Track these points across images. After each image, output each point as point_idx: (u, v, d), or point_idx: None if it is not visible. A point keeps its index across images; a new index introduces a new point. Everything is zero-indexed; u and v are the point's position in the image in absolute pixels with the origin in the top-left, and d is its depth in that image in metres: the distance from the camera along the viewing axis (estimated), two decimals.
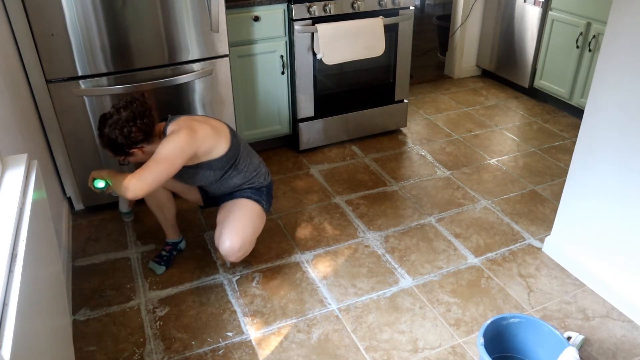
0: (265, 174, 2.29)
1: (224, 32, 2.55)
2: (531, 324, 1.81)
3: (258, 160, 2.28)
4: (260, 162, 2.29)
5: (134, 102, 1.95)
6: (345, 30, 2.95)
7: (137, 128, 1.92)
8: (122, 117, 1.91)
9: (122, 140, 1.91)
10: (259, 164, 2.27)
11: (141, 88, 2.46)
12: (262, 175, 2.27)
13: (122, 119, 1.91)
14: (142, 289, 2.24)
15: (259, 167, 2.26)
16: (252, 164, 2.22)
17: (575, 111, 3.71)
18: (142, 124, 1.93)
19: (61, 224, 2.41)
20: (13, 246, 1.22)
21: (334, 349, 1.96)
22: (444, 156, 3.24)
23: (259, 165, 2.27)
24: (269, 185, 2.32)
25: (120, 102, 1.95)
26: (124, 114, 1.91)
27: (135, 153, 1.99)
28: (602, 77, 1.98)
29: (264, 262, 2.39)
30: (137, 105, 1.94)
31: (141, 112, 1.94)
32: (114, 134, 1.91)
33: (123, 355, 1.94)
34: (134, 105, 1.93)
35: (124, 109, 1.92)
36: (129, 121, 1.91)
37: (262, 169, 2.28)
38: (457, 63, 4.41)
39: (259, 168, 2.26)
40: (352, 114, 3.31)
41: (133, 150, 1.97)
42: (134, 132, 1.91)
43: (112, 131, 1.91)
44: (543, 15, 3.68)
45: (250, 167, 2.21)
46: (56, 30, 2.23)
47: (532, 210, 2.73)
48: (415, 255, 2.43)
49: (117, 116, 1.91)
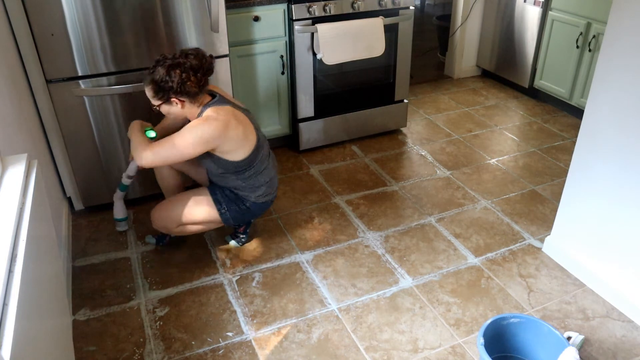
0: (263, 195, 2.24)
1: (224, 32, 2.55)
2: (531, 324, 1.81)
3: (265, 182, 2.22)
4: (267, 184, 2.23)
5: (204, 57, 1.95)
6: (345, 30, 2.95)
7: (196, 80, 1.91)
8: (188, 63, 1.90)
9: (175, 84, 1.88)
10: (263, 186, 2.22)
11: (141, 88, 2.44)
12: (258, 194, 2.22)
13: (188, 64, 1.89)
14: (142, 289, 2.24)
15: (260, 188, 2.22)
16: (257, 181, 2.20)
17: (575, 111, 3.71)
18: (201, 79, 1.93)
19: (61, 224, 2.41)
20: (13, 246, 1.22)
21: (334, 349, 1.96)
22: (444, 156, 3.24)
23: (262, 186, 2.22)
24: (257, 205, 2.26)
25: (189, 50, 1.95)
26: (192, 61, 1.90)
27: (174, 103, 1.96)
28: (602, 77, 1.98)
29: (264, 262, 2.39)
30: (206, 61, 1.95)
31: (206, 70, 1.94)
32: (172, 74, 1.88)
33: (123, 355, 1.94)
34: (204, 60, 1.94)
35: (195, 57, 1.92)
36: (192, 69, 1.90)
37: (261, 190, 2.23)
38: (457, 63, 4.41)
39: (259, 189, 2.22)
40: (352, 114, 3.31)
41: (174, 100, 1.94)
42: (191, 82, 1.90)
43: (169, 72, 1.88)
44: (543, 15, 3.68)
45: (251, 182, 2.19)
46: (56, 30, 2.23)
47: (532, 210, 2.73)
48: (415, 255, 2.43)
49: (183, 59, 1.90)
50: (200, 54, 1.96)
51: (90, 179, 2.59)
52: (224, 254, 2.44)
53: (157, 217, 2.25)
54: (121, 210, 2.50)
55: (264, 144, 2.20)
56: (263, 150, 2.18)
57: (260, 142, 2.15)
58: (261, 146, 2.16)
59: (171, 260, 2.40)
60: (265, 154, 2.21)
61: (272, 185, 2.29)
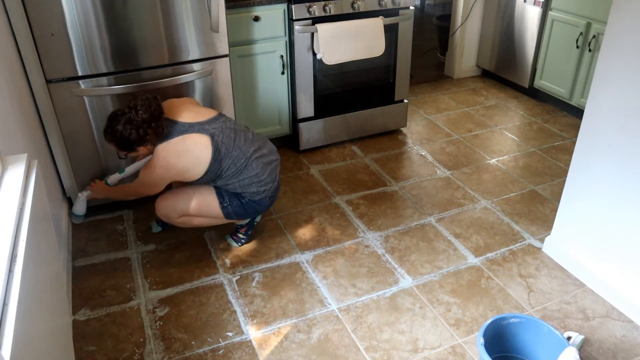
0: (256, 193, 2.24)
1: (224, 32, 2.55)
2: (531, 324, 1.81)
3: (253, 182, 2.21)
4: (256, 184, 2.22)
5: (152, 105, 2.00)
6: (345, 30, 2.95)
7: (152, 130, 2.00)
8: (139, 118, 1.97)
9: (135, 139, 1.98)
10: (253, 184, 2.22)
11: (141, 88, 2.46)
12: (251, 192, 2.23)
13: (140, 119, 1.97)
14: (142, 289, 2.24)
15: (250, 186, 2.22)
16: (241, 182, 2.20)
17: (575, 111, 3.71)
18: (156, 127, 2.01)
19: (61, 224, 2.41)
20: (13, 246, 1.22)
21: (334, 349, 1.96)
22: (444, 156, 3.24)
23: (252, 185, 2.22)
24: (255, 202, 2.27)
25: (137, 101, 2.00)
26: (142, 115, 1.97)
27: (141, 150, 2.07)
28: (602, 77, 1.98)
29: (264, 262, 2.39)
30: (154, 108, 2.00)
31: (157, 115, 2.01)
32: (127, 132, 1.97)
33: (123, 355, 1.94)
34: (152, 108, 1.99)
35: (143, 110, 1.98)
36: (145, 122, 1.98)
37: (253, 188, 2.23)
38: (457, 63, 4.41)
39: (250, 187, 2.22)
40: (352, 114, 3.31)
41: (140, 148, 2.05)
42: (149, 134, 1.99)
43: (126, 129, 1.97)
44: (543, 15, 3.68)
45: (235, 183, 2.20)
46: (56, 30, 2.23)
47: (532, 210, 2.73)
48: (415, 255, 2.43)
49: (134, 115, 1.97)
50: (146, 104, 2.01)
51: (90, 179, 2.59)
52: (224, 254, 2.44)
53: (161, 206, 2.29)
54: (81, 205, 2.44)
55: (229, 151, 2.14)
56: (230, 158, 2.15)
57: (220, 153, 2.12)
58: (224, 156, 2.13)
59: (171, 260, 2.40)
60: (238, 157, 2.16)
61: (264, 182, 2.25)
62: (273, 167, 2.31)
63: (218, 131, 2.15)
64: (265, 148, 2.29)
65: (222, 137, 2.15)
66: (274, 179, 2.31)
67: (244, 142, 2.21)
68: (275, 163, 2.33)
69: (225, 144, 2.15)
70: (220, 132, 2.15)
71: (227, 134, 2.17)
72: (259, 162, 2.23)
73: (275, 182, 2.33)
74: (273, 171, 2.30)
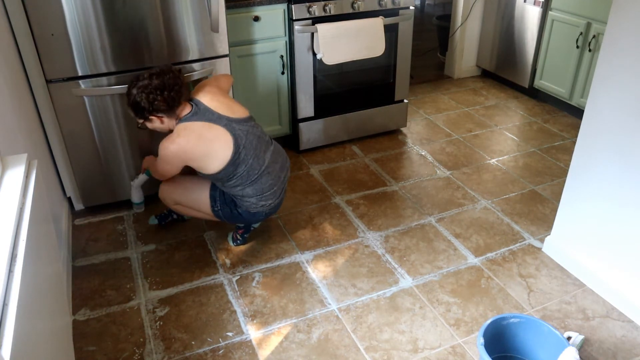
0: (253, 205, 2.21)
1: (224, 32, 2.55)
2: (531, 324, 1.81)
3: (255, 194, 2.18)
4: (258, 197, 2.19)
5: (167, 73, 2.02)
6: (345, 30, 2.95)
7: (163, 99, 2.00)
8: (152, 84, 1.99)
9: (145, 105, 2.01)
10: (253, 197, 2.18)
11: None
12: (248, 204, 2.21)
13: (152, 85, 1.99)
14: (142, 289, 2.24)
15: (248, 199, 2.19)
16: (244, 192, 2.17)
17: (575, 111, 3.71)
18: (168, 96, 2.00)
19: (61, 224, 2.41)
20: (13, 246, 1.22)
21: (334, 349, 1.96)
22: (444, 156, 3.24)
23: (252, 197, 2.19)
24: (249, 213, 2.24)
25: (155, 69, 2.03)
26: (155, 82, 1.99)
27: (154, 120, 2.08)
28: (602, 77, 1.98)
29: (264, 262, 2.39)
30: (169, 77, 2.01)
31: (170, 85, 2.01)
32: (139, 97, 2.00)
33: (123, 355, 1.94)
34: (167, 77, 2.01)
35: (157, 76, 2.00)
36: (157, 89, 1.99)
37: (252, 201, 2.19)
38: (457, 63, 4.41)
39: (249, 199, 2.19)
40: (352, 114, 3.31)
41: (152, 117, 2.06)
42: (158, 101, 2.00)
43: (139, 94, 2.00)
44: (543, 15, 3.68)
45: (238, 191, 2.18)
46: (56, 30, 2.23)
47: (532, 210, 2.73)
48: (415, 255, 2.43)
49: (147, 81, 1.99)
50: (162, 72, 2.03)
51: (90, 179, 2.59)
52: (224, 254, 2.44)
53: (161, 189, 2.35)
54: (137, 194, 2.52)
55: (247, 158, 2.11)
56: (245, 165, 2.11)
57: (239, 157, 2.09)
58: (242, 161, 2.10)
59: (171, 260, 2.40)
60: (253, 167, 2.13)
61: (265, 198, 2.22)
62: (280, 184, 2.27)
63: (243, 134, 2.11)
64: (278, 163, 2.25)
65: (246, 141, 2.11)
66: (277, 196, 2.27)
67: (264, 153, 2.18)
68: (283, 180, 2.29)
69: (246, 148, 2.11)
70: (245, 135, 2.11)
71: (251, 140, 2.13)
72: (269, 177, 2.20)
73: (277, 199, 2.28)
74: (280, 188, 2.27)
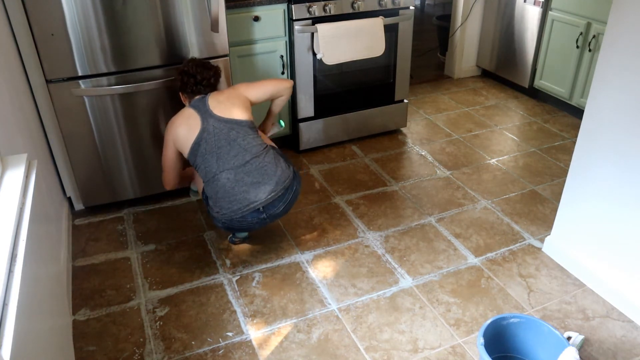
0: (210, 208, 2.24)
1: (224, 32, 2.55)
2: (531, 324, 1.81)
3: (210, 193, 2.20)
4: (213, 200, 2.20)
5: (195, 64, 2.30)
6: (345, 30, 2.95)
7: (181, 81, 2.31)
8: (185, 66, 2.31)
9: (179, 81, 2.33)
10: (210, 200, 2.22)
11: (141, 88, 2.46)
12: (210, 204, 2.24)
13: (186, 68, 2.30)
14: (142, 289, 2.24)
15: (210, 200, 2.23)
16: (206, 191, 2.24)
17: (575, 111, 3.71)
18: (186, 81, 2.29)
19: (61, 224, 2.41)
20: (13, 246, 1.22)
21: (334, 349, 1.96)
22: (444, 156, 3.24)
23: (210, 199, 2.22)
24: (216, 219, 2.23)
25: (197, 60, 2.35)
26: (188, 66, 2.31)
27: (182, 98, 2.39)
28: (602, 77, 1.98)
29: (264, 262, 2.39)
30: (194, 68, 2.29)
31: (192, 73, 2.28)
32: (179, 74, 2.33)
33: (123, 355, 1.94)
34: (193, 66, 2.29)
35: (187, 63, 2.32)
36: (184, 73, 2.31)
37: (210, 203, 2.23)
38: (457, 63, 4.41)
39: (209, 200, 2.23)
40: (352, 114, 3.31)
41: (180, 93, 2.37)
42: (179, 81, 2.32)
43: (180, 74, 2.32)
44: (543, 15, 3.68)
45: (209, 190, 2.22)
46: (56, 30, 2.23)
47: (532, 210, 2.73)
48: (415, 255, 2.43)
49: (187, 67, 2.30)
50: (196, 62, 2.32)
51: (90, 179, 2.59)
52: (224, 254, 2.44)
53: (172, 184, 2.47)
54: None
55: (205, 154, 2.14)
56: (203, 159, 2.15)
57: (198, 147, 2.17)
58: (200, 154, 2.16)
59: (171, 260, 2.40)
60: (210, 165, 2.14)
61: (219, 204, 2.16)
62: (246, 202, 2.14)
63: (213, 130, 2.16)
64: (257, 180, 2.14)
65: (212, 137, 2.15)
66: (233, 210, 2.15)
67: (233, 158, 2.13)
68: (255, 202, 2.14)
69: (208, 144, 2.15)
70: (214, 132, 2.16)
71: (218, 139, 2.14)
72: (229, 184, 2.13)
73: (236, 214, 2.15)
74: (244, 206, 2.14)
